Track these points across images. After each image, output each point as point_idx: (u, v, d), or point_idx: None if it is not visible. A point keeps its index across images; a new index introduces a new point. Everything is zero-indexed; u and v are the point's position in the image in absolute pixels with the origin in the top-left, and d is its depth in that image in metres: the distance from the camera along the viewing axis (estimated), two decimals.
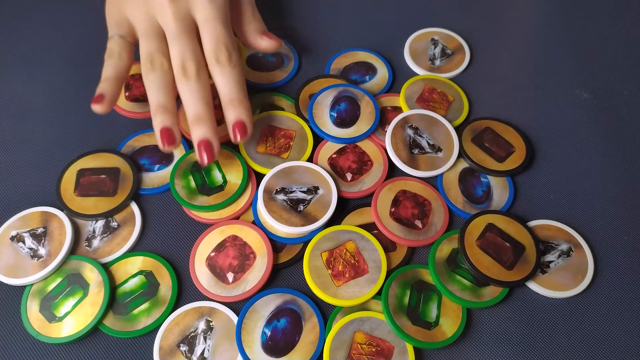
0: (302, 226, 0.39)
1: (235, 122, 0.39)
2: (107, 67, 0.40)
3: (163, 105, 0.38)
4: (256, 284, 0.37)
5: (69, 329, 0.35)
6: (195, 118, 0.38)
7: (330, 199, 0.40)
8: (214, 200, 0.40)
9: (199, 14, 0.40)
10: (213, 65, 0.39)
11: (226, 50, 0.39)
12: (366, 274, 0.37)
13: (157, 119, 0.38)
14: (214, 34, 0.39)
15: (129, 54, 0.41)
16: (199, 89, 0.38)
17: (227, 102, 0.39)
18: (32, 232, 0.39)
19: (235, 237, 0.39)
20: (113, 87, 0.39)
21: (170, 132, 0.38)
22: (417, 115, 0.45)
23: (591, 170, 0.44)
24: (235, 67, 0.40)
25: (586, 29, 0.53)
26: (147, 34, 0.40)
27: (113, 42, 0.41)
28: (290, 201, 0.40)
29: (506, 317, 0.37)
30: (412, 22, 0.53)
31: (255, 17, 0.44)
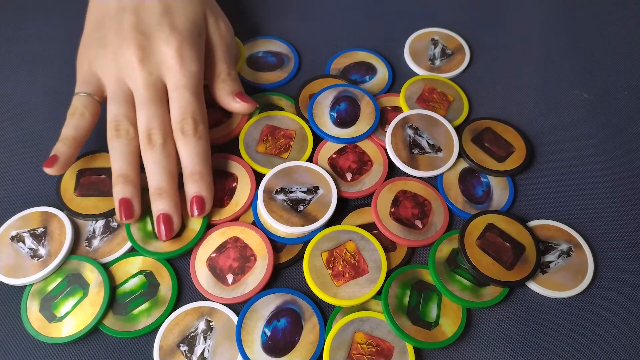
0: (302, 226, 0.39)
1: (193, 197, 0.38)
2: (68, 126, 0.39)
3: (124, 174, 0.37)
4: (255, 287, 0.37)
5: (69, 329, 0.35)
6: (156, 190, 0.37)
7: (330, 199, 0.40)
8: (169, 246, 0.38)
9: (170, 81, 0.39)
10: (178, 135, 0.38)
11: (192, 121, 0.38)
12: (366, 274, 0.37)
13: (116, 189, 0.37)
14: (182, 104, 0.38)
15: (92, 113, 0.39)
16: (162, 160, 0.37)
17: (187, 175, 0.38)
18: (32, 232, 0.39)
19: (236, 238, 0.39)
20: (70, 148, 0.38)
21: (129, 205, 0.37)
22: (417, 115, 0.45)
23: (591, 170, 0.44)
24: (200, 139, 0.38)
25: (586, 29, 0.53)
26: (116, 97, 0.39)
27: (78, 100, 0.39)
28: (290, 201, 0.40)
29: (506, 317, 0.37)
30: (412, 22, 0.53)
31: (230, 77, 0.42)
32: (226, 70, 0.42)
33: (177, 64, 0.38)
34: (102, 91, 0.40)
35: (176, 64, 0.38)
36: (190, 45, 0.39)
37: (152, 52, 0.38)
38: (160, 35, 0.39)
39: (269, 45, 0.51)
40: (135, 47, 0.38)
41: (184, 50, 0.39)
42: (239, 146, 0.43)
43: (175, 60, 0.38)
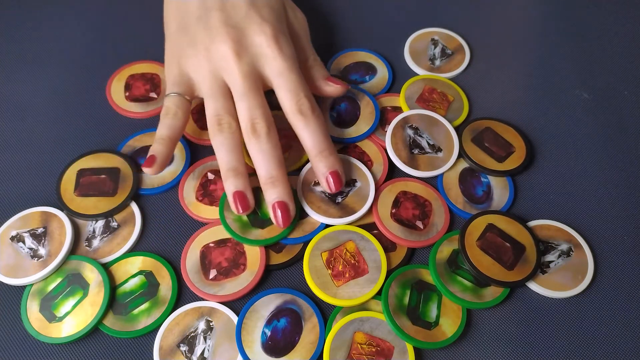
0: (340, 217, 0.39)
1: (330, 172, 0.38)
2: (162, 127, 0.39)
3: (234, 168, 0.38)
4: (228, 294, 0.37)
5: (69, 329, 0.35)
6: (268, 179, 0.37)
7: (368, 192, 0.40)
8: (268, 233, 0.39)
9: (269, 68, 0.39)
10: (296, 117, 0.38)
11: (308, 100, 0.38)
12: (366, 274, 0.37)
13: (228, 182, 0.37)
14: (291, 86, 0.38)
15: (185, 113, 0.40)
16: (270, 149, 0.37)
17: (316, 154, 0.38)
18: (32, 232, 0.39)
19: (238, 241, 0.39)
20: (166, 147, 0.39)
21: (244, 197, 0.37)
22: (417, 116, 0.45)
23: (591, 170, 0.44)
24: (319, 117, 0.39)
25: (586, 29, 0.53)
26: (213, 92, 0.39)
27: (170, 100, 0.40)
28: (328, 193, 0.40)
29: (506, 317, 0.37)
30: (412, 22, 0.53)
31: (317, 62, 0.43)
32: (312, 56, 0.43)
33: (276, 51, 0.39)
34: (193, 90, 0.41)
35: (274, 51, 0.39)
36: (281, 32, 0.40)
37: (246, 44, 0.39)
38: (252, 27, 0.39)
39: None
40: (230, 41, 0.38)
41: (278, 36, 0.39)
42: None
43: (272, 48, 0.39)
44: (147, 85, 0.47)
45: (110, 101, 0.46)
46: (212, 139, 0.38)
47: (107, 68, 0.48)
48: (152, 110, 0.46)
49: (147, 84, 0.47)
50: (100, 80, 0.48)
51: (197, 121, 0.45)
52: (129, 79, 0.48)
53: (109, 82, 0.47)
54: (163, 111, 0.40)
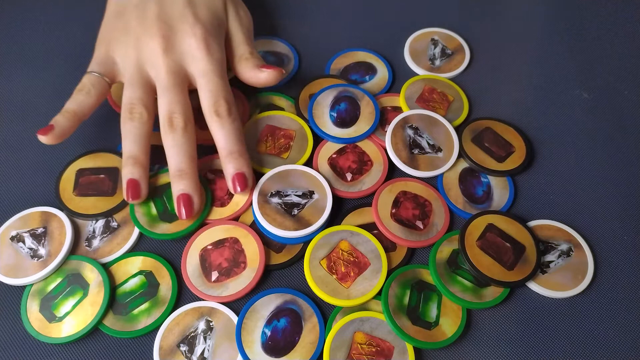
0: (295, 230, 0.38)
1: (236, 174, 0.39)
2: (71, 101, 0.39)
3: (135, 156, 0.38)
4: (232, 294, 0.37)
5: (69, 329, 0.35)
6: (176, 172, 0.38)
7: (325, 204, 0.40)
8: (175, 227, 0.39)
9: (195, 67, 0.40)
10: (212, 118, 0.39)
11: (225, 102, 0.39)
12: (369, 266, 0.37)
13: (126, 169, 0.38)
14: (212, 87, 0.39)
15: (99, 93, 0.40)
16: (184, 143, 0.38)
17: (226, 155, 0.39)
18: (32, 232, 0.39)
19: (236, 240, 0.39)
20: (68, 121, 0.39)
21: (137, 185, 0.38)
22: (417, 116, 0.45)
23: (591, 170, 0.44)
24: (235, 121, 0.40)
25: (586, 29, 0.53)
26: (133, 82, 0.40)
27: (87, 78, 0.40)
28: (284, 205, 0.40)
29: (506, 317, 0.37)
30: (412, 22, 0.53)
31: (253, 55, 0.43)
32: (248, 50, 0.43)
33: (204, 53, 0.40)
34: (115, 75, 0.41)
35: (202, 53, 0.40)
36: (213, 36, 0.41)
37: (175, 42, 0.40)
38: (184, 27, 0.40)
39: (269, 46, 0.51)
40: (160, 37, 0.39)
41: (208, 40, 0.40)
42: None
43: (200, 50, 0.40)
44: None
45: (110, 101, 0.46)
46: (122, 125, 0.39)
47: None
48: None
49: None
50: None
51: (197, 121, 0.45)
52: None
53: None
54: (78, 87, 0.40)
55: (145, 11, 0.40)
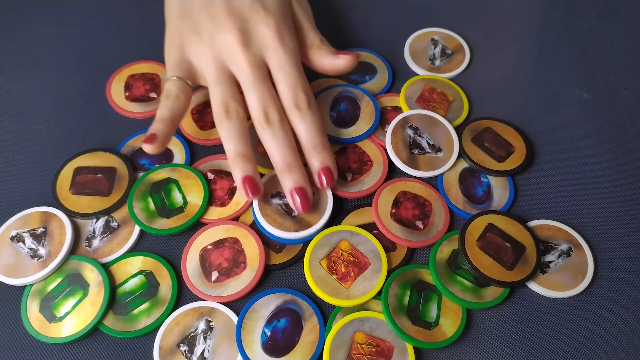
0: (295, 231, 0.38)
1: (321, 168, 0.38)
2: (163, 108, 0.39)
3: (243, 153, 0.37)
4: (232, 294, 0.37)
5: (69, 329, 0.35)
6: (285, 166, 0.38)
7: (326, 205, 0.40)
8: (173, 222, 0.39)
9: (272, 60, 0.39)
10: (292, 111, 0.38)
11: (305, 95, 0.39)
12: (369, 266, 0.37)
13: (237, 168, 0.37)
14: (291, 80, 0.39)
15: (186, 97, 0.39)
16: (284, 136, 0.38)
17: (310, 149, 0.39)
18: (32, 232, 0.39)
19: (236, 240, 0.39)
20: (167, 127, 0.38)
21: (254, 181, 0.37)
22: (417, 116, 0.45)
23: (591, 170, 0.44)
24: (315, 113, 0.39)
25: (586, 29, 0.53)
26: (219, 80, 0.39)
27: (171, 84, 0.39)
28: (285, 206, 0.40)
29: (506, 317, 0.37)
30: (412, 22, 0.53)
31: (324, 43, 0.42)
32: (318, 38, 0.43)
33: (278, 44, 0.39)
34: (195, 77, 0.41)
35: (277, 44, 0.39)
36: (285, 24, 0.40)
37: (251, 34, 0.39)
38: (256, 17, 0.39)
39: None
40: (236, 31, 0.38)
41: (281, 29, 0.39)
42: None
43: (275, 40, 0.39)
44: (147, 85, 0.47)
45: (110, 101, 0.46)
46: (219, 125, 0.38)
47: (107, 68, 0.48)
48: (152, 110, 0.46)
49: (147, 84, 0.47)
50: (100, 80, 0.48)
51: (197, 121, 0.45)
52: (129, 79, 0.48)
53: (109, 82, 0.47)
54: (164, 94, 0.39)
55: (212, 7, 0.39)
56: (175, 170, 0.42)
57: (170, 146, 0.44)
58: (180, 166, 0.42)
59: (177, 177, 0.41)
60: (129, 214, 0.40)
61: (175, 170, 0.42)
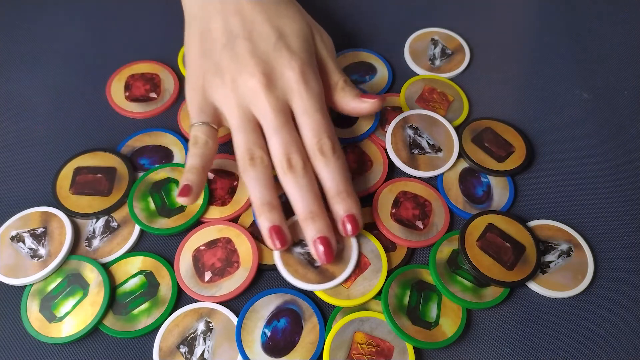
0: (317, 283, 0.37)
1: (346, 216, 0.37)
2: (193, 156, 0.38)
3: (269, 202, 0.36)
4: (226, 294, 0.37)
5: (69, 329, 0.35)
6: (308, 215, 0.36)
7: (350, 255, 0.38)
8: (174, 222, 0.39)
9: (297, 105, 0.38)
10: (317, 157, 0.37)
11: (329, 141, 0.38)
12: (369, 266, 0.37)
13: (263, 218, 0.36)
14: (314, 125, 0.38)
15: (214, 141, 0.39)
16: (307, 183, 0.37)
17: (334, 195, 0.37)
18: (32, 232, 0.39)
19: (229, 240, 0.39)
20: (199, 177, 0.37)
21: (281, 231, 0.36)
22: (417, 116, 0.45)
23: (591, 170, 0.44)
24: (340, 158, 0.38)
25: (586, 29, 0.53)
26: (243, 126, 0.38)
27: (198, 129, 0.38)
28: (307, 254, 0.38)
29: (506, 317, 0.37)
30: (412, 22, 0.53)
31: (347, 83, 0.42)
32: (342, 79, 0.42)
33: (303, 88, 0.38)
34: (219, 120, 0.40)
35: (301, 88, 0.38)
36: (310, 66, 0.39)
37: (275, 77, 0.38)
38: (281, 60, 0.38)
39: None
40: (259, 74, 0.37)
41: (306, 72, 0.38)
42: None
43: (300, 84, 0.38)
44: (147, 85, 0.47)
45: (110, 101, 0.46)
46: (244, 173, 0.37)
47: (107, 68, 0.48)
48: (152, 110, 0.46)
49: (147, 84, 0.47)
50: (100, 80, 0.48)
51: None
52: (129, 79, 0.48)
53: (109, 82, 0.47)
54: (191, 141, 0.38)
55: (235, 48, 0.38)
56: (175, 170, 0.42)
57: (170, 146, 0.44)
58: (180, 166, 0.42)
59: (177, 177, 0.41)
60: (130, 213, 0.40)
61: (175, 170, 0.42)
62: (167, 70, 0.48)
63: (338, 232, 0.38)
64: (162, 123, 0.46)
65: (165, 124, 0.46)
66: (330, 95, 0.41)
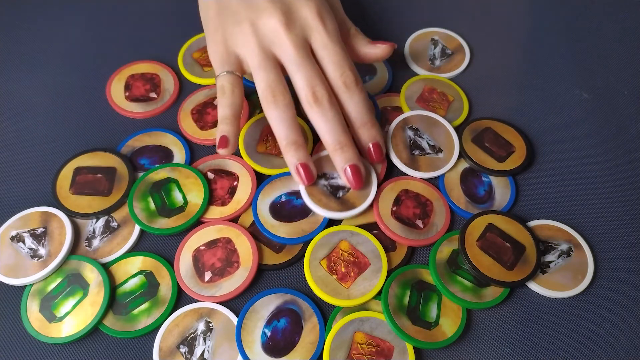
0: (339, 211, 0.39)
1: (372, 145, 0.40)
2: (223, 107, 0.39)
3: (294, 141, 0.38)
4: (227, 293, 0.37)
5: (69, 329, 0.35)
6: (337, 145, 0.38)
7: (370, 188, 0.40)
8: (174, 222, 0.39)
9: (316, 40, 0.40)
10: (341, 89, 0.39)
11: (352, 73, 0.39)
12: (369, 266, 0.37)
13: (290, 155, 0.38)
14: (336, 59, 0.39)
15: (241, 90, 0.40)
16: (334, 115, 0.38)
17: (360, 126, 0.40)
18: (32, 232, 0.39)
19: (229, 240, 0.39)
20: (233, 126, 0.39)
21: (308, 168, 0.38)
22: (417, 117, 0.45)
23: (591, 170, 0.44)
24: (362, 90, 0.40)
25: (586, 29, 0.53)
26: (263, 64, 0.39)
27: (224, 79, 0.40)
28: (330, 187, 0.40)
29: (506, 317, 0.37)
30: (412, 22, 0.53)
31: (358, 31, 0.44)
32: (353, 26, 0.44)
33: (320, 24, 0.39)
34: (242, 68, 0.41)
35: (319, 24, 0.39)
36: (324, 6, 0.41)
37: (293, 16, 0.39)
38: (297, 2, 0.40)
39: None
40: (279, 14, 0.39)
41: (322, 11, 0.40)
42: (239, 146, 0.43)
43: (317, 21, 0.39)
44: (147, 85, 0.47)
45: (110, 101, 0.46)
46: (267, 112, 0.39)
47: (107, 68, 0.48)
48: (152, 110, 0.46)
49: (147, 84, 0.47)
50: (100, 80, 0.48)
51: (197, 121, 0.45)
52: (129, 79, 0.48)
53: (109, 82, 0.47)
54: (219, 92, 0.40)
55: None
56: (175, 170, 0.42)
57: (170, 146, 0.44)
58: (180, 166, 0.42)
59: (177, 177, 0.41)
60: (130, 213, 0.40)
61: (175, 170, 0.42)
62: (167, 70, 0.48)
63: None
64: (162, 123, 0.46)
65: (165, 124, 0.46)
66: (346, 41, 0.43)
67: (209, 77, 0.47)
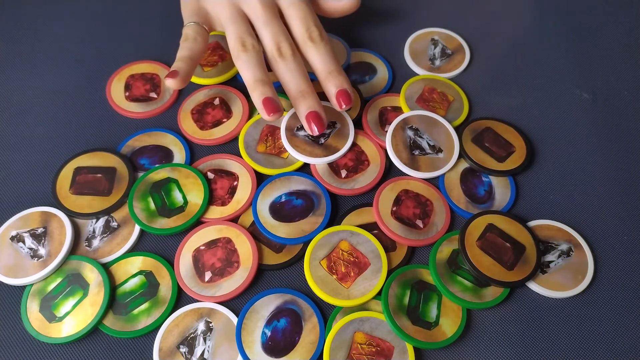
0: (324, 156, 0.41)
1: (338, 91, 0.41)
2: (182, 49, 0.41)
3: (261, 79, 0.40)
4: (227, 293, 0.37)
5: (68, 329, 0.35)
6: (298, 94, 0.40)
7: (348, 131, 0.43)
8: (174, 222, 0.39)
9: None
10: (306, 43, 0.41)
11: (317, 28, 0.42)
12: (369, 266, 0.37)
13: (257, 92, 0.39)
14: (302, 15, 0.42)
15: (204, 39, 0.42)
16: (296, 66, 0.40)
17: (326, 75, 0.41)
18: (32, 232, 0.39)
19: (229, 240, 0.39)
20: (187, 65, 0.40)
21: (273, 101, 0.39)
22: (417, 117, 0.45)
23: (591, 170, 0.44)
24: (327, 43, 0.42)
25: (586, 29, 0.53)
26: (234, 18, 0.41)
27: (189, 28, 0.42)
28: (311, 136, 0.42)
29: (506, 317, 0.37)
30: (412, 22, 0.53)
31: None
32: None
33: None
34: (211, 23, 0.44)
35: None
36: None
37: None
38: None
39: None
40: None
41: None
42: (239, 146, 0.43)
43: None
44: (147, 85, 0.47)
45: (110, 101, 0.46)
46: (237, 58, 0.40)
47: (107, 68, 0.48)
48: (152, 110, 0.46)
49: (147, 84, 0.47)
50: (100, 80, 0.48)
51: (197, 121, 0.45)
52: (129, 79, 0.48)
53: (109, 82, 0.47)
54: (183, 37, 0.42)
55: None
56: (175, 170, 0.42)
57: (170, 146, 0.44)
58: (180, 166, 0.42)
59: (177, 177, 0.41)
60: (130, 213, 0.40)
61: (175, 170, 0.42)
62: (167, 70, 0.48)
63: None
64: (162, 123, 0.46)
65: (165, 124, 0.46)
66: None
67: (209, 77, 0.47)
